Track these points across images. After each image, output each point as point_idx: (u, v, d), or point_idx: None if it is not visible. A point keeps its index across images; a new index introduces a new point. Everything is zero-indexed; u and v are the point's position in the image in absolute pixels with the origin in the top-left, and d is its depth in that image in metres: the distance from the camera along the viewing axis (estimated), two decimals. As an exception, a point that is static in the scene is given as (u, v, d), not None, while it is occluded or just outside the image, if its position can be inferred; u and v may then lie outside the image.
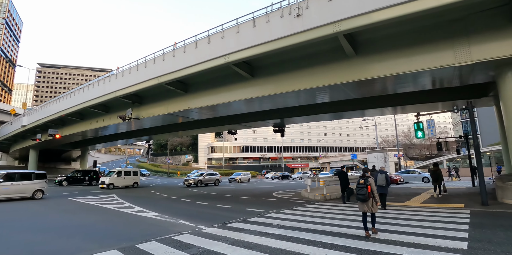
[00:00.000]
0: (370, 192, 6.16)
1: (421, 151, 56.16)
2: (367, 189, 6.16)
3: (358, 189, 6.29)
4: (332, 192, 14.80)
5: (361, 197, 6.20)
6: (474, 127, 10.49)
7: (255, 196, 16.28)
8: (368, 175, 6.49)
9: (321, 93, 14.96)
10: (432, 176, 13.81)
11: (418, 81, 13.35)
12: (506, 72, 10.87)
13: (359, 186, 6.30)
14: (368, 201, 6.17)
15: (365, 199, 6.16)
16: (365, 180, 6.28)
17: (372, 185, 6.24)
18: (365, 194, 6.14)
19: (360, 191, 6.24)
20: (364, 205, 6.21)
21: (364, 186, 6.21)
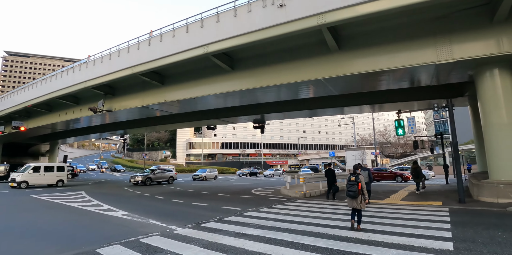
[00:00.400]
0: (360, 189, 6.29)
1: (396, 150, 57.84)
2: (357, 186, 6.28)
3: (349, 186, 6.41)
4: (312, 189, 14.58)
5: (352, 194, 6.33)
6: (453, 125, 10.51)
7: (233, 194, 15.79)
8: (358, 172, 6.59)
9: (303, 89, 14.64)
10: (413, 173, 14.24)
11: (399, 78, 13.33)
12: (484, 72, 10.98)
13: (350, 183, 6.41)
14: (357, 198, 6.30)
15: (355, 196, 6.29)
16: (356, 177, 6.38)
17: (362, 182, 6.38)
18: (356, 191, 6.27)
19: (350, 188, 6.36)
20: (354, 202, 6.36)
21: (355, 183, 6.34)
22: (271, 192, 15.99)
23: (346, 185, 6.56)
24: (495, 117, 10.58)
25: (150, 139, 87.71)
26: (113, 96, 19.17)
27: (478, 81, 11.27)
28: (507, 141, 10.18)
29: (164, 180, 25.30)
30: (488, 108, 10.80)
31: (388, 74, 12.31)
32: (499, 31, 9.87)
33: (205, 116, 22.98)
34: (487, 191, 10.01)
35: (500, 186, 9.68)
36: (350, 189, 6.40)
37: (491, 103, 10.73)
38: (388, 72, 11.88)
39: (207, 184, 25.06)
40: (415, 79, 13.59)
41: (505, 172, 10.04)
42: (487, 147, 10.79)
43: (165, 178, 25.40)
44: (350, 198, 6.43)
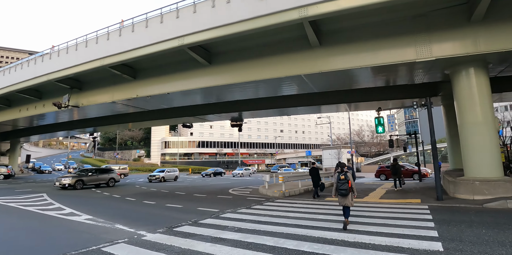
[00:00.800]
0: (350, 187, 6.35)
1: (370, 149, 59.39)
2: (347, 185, 6.33)
3: (340, 185, 6.41)
4: (291, 188, 14.26)
5: (344, 192, 6.35)
6: (432, 123, 10.55)
7: (209, 194, 15.14)
8: (345, 170, 6.56)
9: (282, 85, 14.29)
10: (392, 171, 14.60)
11: (378, 76, 13.30)
12: (460, 71, 11.11)
13: (341, 181, 6.42)
14: (348, 196, 6.38)
15: (346, 194, 6.34)
16: (345, 176, 6.40)
17: (351, 180, 6.45)
18: (347, 189, 6.32)
19: (342, 187, 6.38)
20: (345, 199, 6.40)
21: (345, 182, 6.36)
22: (249, 192, 15.51)
23: (337, 184, 6.53)
24: (471, 116, 10.73)
25: (123, 138, 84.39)
26: (80, 90, 17.86)
27: (454, 80, 11.41)
28: (481, 139, 10.35)
29: (103, 182, 20.84)
30: (464, 106, 10.95)
31: (368, 72, 12.22)
32: (476, 30, 9.98)
33: (181, 113, 22.12)
34: (463, 188, 10.12)
35: (476, 183, 9.80)
36: (341, 187, 6.38)
37: (467, 102, 10.88)
38: (368, 70, 11.78)
39: (182, 184, 24.15)
40: (394, 77, 13.67)
41: (480, 169, 10.20)
42: (463, 145, 10.95)
43: (103, 180, 20.83)
44: (341, 196, 6.43)
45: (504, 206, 8.54)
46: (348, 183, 6.33)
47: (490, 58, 10.46)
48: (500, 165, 10.22)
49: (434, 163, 10.50)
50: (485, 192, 9.60)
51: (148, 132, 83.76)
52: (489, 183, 9.65)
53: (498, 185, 9.55)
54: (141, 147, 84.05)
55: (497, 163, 10.17)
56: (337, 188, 6.50)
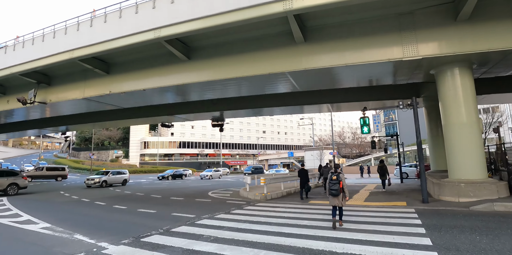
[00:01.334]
0: (341, 188, 6.48)
1: (351, 150, 60.08)
2: (339, 185, 6.47)
3: (331, 185, 6.56)
4: (273, 191, 13.70)
5: (334, 192, 6.50)
6: (418, 124, 10.32)
7: (187, 197, 14.33)
8: (339, 171, 6.72)
9: (265, 83, 13.70)
10: (379, 172, 15.13)
11: (363, 75, 12.95)
12: (445, 71, 10.94)
13: (332, 182, 6.56)
14: (339, 196, 6.52)
15: (337, 194, 6.49)
16: (337, 176, 6.54)
17: (343, 181, 6.57)
18: (338, 190, 6.46)
19: (333, 187, 6.52)
20: (335, 199, 6.55)
21: (336, 182, 6.49)
22: (230, 195, 14.82)
23: (328, 184, 6.69)
24: (455, 117, 10.57)
25: (100, 138, 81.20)
26: (49, 85, 16.54)
27: (439, 80, 11.24)
28: (466, 140, 10.19)
29: None
30: (449, 107, 10.78)
31: (352, 70, 11.84)
32: (462, 30, 9.80)
33: (160, 112, 21.15)
34: (448, 190, 9.90)
35: (461, 185, 9.60)
36: (332, 187, 6.54)
37: (452, 102, 10.71)
38: (353, 68, 11.39)
39: (160, 186, 23.09)
40: (378, 77, 13.38)
41: (465, 171, 10.02)
42: (447, 146, 10.77)
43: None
44: (332, 196, 6.59)
45: (491, 209, 8.33)
46: (339, 184, 6.48)
47: (475, 58, 10.34)
48: (484, 167, 10.08)
49: (420, 164, 10.24)
50: (470, 194, 9.41)
51: (127, 132, 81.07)
52: (474, 185, 9.47)
53: (483, 187, 9.38)
54: (119, 148, 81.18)
55: (481, 165, 10.03)
56: (328, 188, 6.69)
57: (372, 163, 40.69)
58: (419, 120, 10.78)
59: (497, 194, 9.31)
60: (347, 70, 11.74)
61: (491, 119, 35.23)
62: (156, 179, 34.25)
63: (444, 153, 16.76)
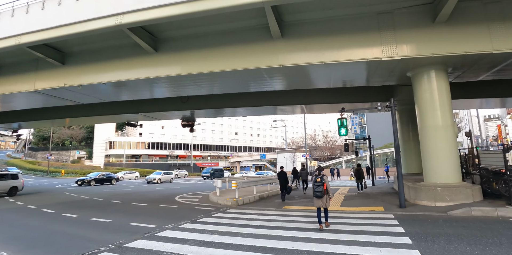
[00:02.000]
0: (325, 189, 6.66)
1: (323, 153, 60.86)
2: (323, 187, 6.64)
3: (316, 187, 6.72)
4: (245, 195, 12.89)
5: (319, 194, 6.67)
6: (395, 126, 10.03)
7: (152, 202, 13.10)
8: (323, 173, 6.82)
9: (239, 81, 12.88)
10: (356, 175, 15.33)
11: (339, 75, 12.53)
12: (422, 74, 10.79)
13: (316, 184, 6.71)
14: (323, 197, 6.69)
15: (321, 195, 6.66)
16: (321, 179, 6.70)
17: (327, 183, 6.72)
18: (322, 191, 6.65)
19: (317, 189, 6.70)
20: (320, 201, 6.73)
21: (321, 184, 6.67)
22: (198, 199, 13.80)
23: (313, 186, 6.82)
24: (431, 119, 10.42)
25: (60, 137, 75.69)
26: (-6, 76, 14.57)
27: (416, 83, 11.09)
28: (442, 143, 10.05)
29: None
30: (425, 110, 10.62)
31: (331, 69, 11.40)
32: (440, 32, 9.64)
33: (125, 110, 19.59)
34: (425, 195, 9.67)
35: (438, 189, 9.39)
36: (316, 189, 6.70)
37: (428, 105, 10.57)
38: (331, 67, 10.96)
39: (124, 190, 21.42)
40: (355, 77, 13.04)
41: (441, 174, 9.86)
42: (423, 149, 10.60)
43: None
44: (316, 198, 6.74)
45: (468, 214, 8.12)
46: (323, 186, 6.64)
47: (451, 61, 10.26)
48: (459, 170, 9.99)
49: (397, 168, 9.92)
50: (447, 199, 9.21)
51: (91, 131, 76.46)
52: (450, 189, 9.29)
53: (459, 191, 9.23)
54: (82, 148, 76.24)
55: (456, 168, 9.92)
56: (313, 190, 6.81)
57: (343, 165, 41.25)
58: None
59: (472, 198, 9.19)
60: (325, 69, 11.30)
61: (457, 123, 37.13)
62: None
63: (416, 157, 17.04)
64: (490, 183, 10.05)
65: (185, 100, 18.85)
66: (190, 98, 18.65)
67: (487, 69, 10.97)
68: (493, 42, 9.35)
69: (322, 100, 17.07)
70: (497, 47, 9.29)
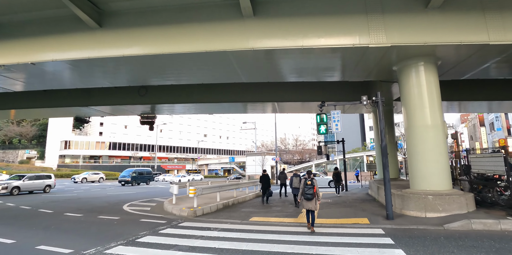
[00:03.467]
0: (315, 192, 6.80)
1: (293, 156, 60.11)
2: (313, 190, 6.78)
3: (307, 189, 6.83)
4: (207, 203, 10.96)
5: (309, 196, 6.80)
6: (382, 124, 8.70)
7: (91, 212, 10.71)
8: (312, 176, 7.02)
9: (202, 66, 10.90)
10: (334, 178, 15.82)
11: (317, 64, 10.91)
12: (410, 67, 9.60)
13: (307, 187, 6.83)
14: (312, 200, 6.82)
15: (312, 198, 6.80)
16: (311, 181, 6.83)
17: (317, 186, 6.87)
18: (312, 194, 6.79)
19: (308, 191, 6.81)
20: (310, 203, 6.85)
21: (311, 187, 6.79)
22: (150, 208, 11.61)
23: (303, 189, 6.92)
24: (420, 119, 9.24)
25: (7, 135, 68.18)
26: None
27: (403, 77, 9.91)
28: (432, 145, 8.87)
29: None
30: (413, 108, 9.43)
31: (308, 57, 9.84)
32: (433, 19, 8.48)
33: (72, 101, 16.93)
34: (414, 204, 8.38)
35: (429, 198, 8.13)
36: (307, 192, 6.81)
37: (416, 102, 9.39)
38: (310, 54, 9.41)
39: (68, 195, 18.43)
40: (334, 69, 11.54)
41: (431, 180, 8.64)
42: (411, 152, 9.38)
43: None
44: (306, 200, 6.87)
45: (469, 228, 6.87)
46: (313, 189, 6.78)
47: (443, 53, 9.15)
48: (449, 176, 8.85)
49: (384, 173, 8.51)
50: (439, 209, 7.97)
51: (44, 128, 69.93)
52: (443, 197, 8.07)
53: (452, 199, 8.02)
54: (33, 147, 69.30)
55: (447, 173, 8.78)
56: (303, 192, 6.92)
57: (313, 169, 40.41)
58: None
59: (466, 208, 8.03)
60: (301, 57, 9.76)
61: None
62: (71, 183, 28.55)
63: (392, 161, 16.07)
64: (481, 190, 9.04)
65: (143, 92, 16.61)
66: (149, 91, 16.45)
67: (477, 65, 10.05)
68: (490, 32, 8.34)
69: (295, 98, 15.76)
70: (494, 38, 8.29)
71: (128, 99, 16.65)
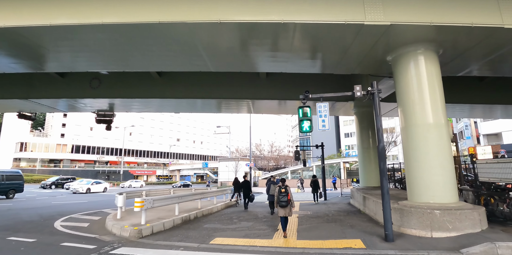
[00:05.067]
0: (289, 199, 7.06)
1: (268, 162, 58.42)
2: (287, 197, 7.05)
3: (281, 197, 7.09)
4: (161, 217, 8.76)
5: (284, 203, 7.05)
6: (379, 121, 7.04)
7: (5, 229, 8.15)
8: (286, 184, 7.24)
9: (157, 47, 8.67)
10: (312, 186, 15.17)
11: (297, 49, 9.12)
12: (408, 55, 8.10)
13: (282, 194, 7.09)
14: (287, 207, 7.08)
15: (286, 205, 7.06)
16: (285, 189, 7.09)
17: (290, 193, 7.18)
18: (287, 201, 7.05)
19: (282, 199, 7.07)
20: (283, 210, 7.08)
21: (285, 194, 7.06)
22: (89, 224, 9.19)
23: (278, 197, 7.12)
24: (420, 117, 7.73)
25: (-48, 135, 61.07)
26: None
27: (399, 69, 8.40)
28: (436, 148, 7.35)
29: None
30: (412, 104, 7.91)
31: (287, 36, 7.99)
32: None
33: (9, 93, 14.23)
34: (417, 220, 6.74)
35: (436, 213, 6.52)
36: (282, 199, 7.06)
37: (416, 97, 7.89)
38: (292, 31, 7.56)
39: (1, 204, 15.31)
40: (315, 55, 9.71)
41: (436, 191, 7.08)
42: (409, 156, 7.81)
43: None
44: (281, 207, 7.09)
45: (493, 253, 5.27)
46: (287, 196, 7.04)
47: (447, 38, 7.71)
48: (455, 185, 7.36)
49: (382, 183, 6.80)
50: (449, 227, 6.38)
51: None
52: (452, 212, 6.50)
53: (464, 215, 6.46)
54: (-17, 149, 62.54)
55: (453, 182, 7.28)
56: (278, 200, 7.12)
57: (289, 176, 38.86)
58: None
59: (480, 226, 6.50)
60: (278, 36, 7.86)
61: (391, 138, 37.39)
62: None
63: (376, 167, 14.68)
64: (487, 202, 7.62)
65: (96, 84, 14.25)
66: (104, 83, 14.13)
67: (480, 57, 8.75)
68: (503, 15, 7.06)
69: (271, 95, 14.14)
70: (508, 21, 7.01)
71: (78, 91, 14.22)
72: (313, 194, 15.27)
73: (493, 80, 13.98)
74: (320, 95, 7.25)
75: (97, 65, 10.08)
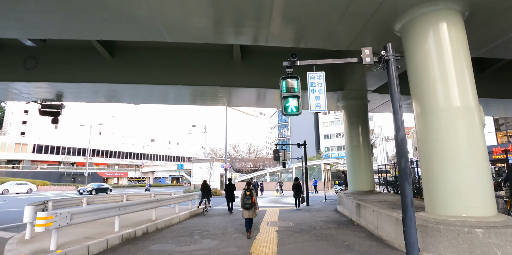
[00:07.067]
0: (253, 202, 7.34)
1: (246, 164, 56.09)
2: (251, 200, 7.32)
3: (246, 200, 7.34)
4: (90, 236, 6.23)
5: (248, 206, 7.31)
6: (397, 101, 4.95)
7: None
8: (251, 187, 7.51)
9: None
10: (294, 190, 14.04)
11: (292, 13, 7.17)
12: (425, 19, 6.14)
13: (247, 197, 7.35)
14: (251, 209, 7.33)
15: (250, 207, 7.31)
16: (250, 192, 7.39)
17: (255, 196, 7.52)
18: (251, 204, 7.31)
19: (247, 201, 7.33)
20: (248, 212, 7.32)
21: (250, 197, 7.34)
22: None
23: (243, 199, 7.37)
24: (443, 98, 5.76)
25: None
26: None
27: (412, 37, 6.39)
28: (466, 140, 5.39)
29: None
30: (432, 82, 5.92)
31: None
32: None
33: None
34: (448, 243, 4.70)
35: (477, 233, 4.50)
36: (246, 202, 7.31)
37: (437, 73, 5.90)
38: None
39: None
40: (310, 19, 7.87)
41: (472, 199, 5.08)
42: (428, 152, 5.79)
43: None
44: (246, 209, 7.33)
45: None
46: (252, 199, 7.32)
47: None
48: (493, 191, 5.39)
49: (404, 185, 4.72)
50: (497, 253, 4.38)
51: None
52: (501, 232, 4.50)
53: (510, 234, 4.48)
54: None
55: (490, 188, 5.31)
56: (243, 203, 7.34)
57: (267, 178, 36.76)
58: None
59: (536, 250, 4.56)
60: None
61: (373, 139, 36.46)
62: None
63: (367, 168, 12.81)
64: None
65: (31, 65, 11.58)
66: (40, 63, 11.45)
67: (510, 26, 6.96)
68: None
69: (247, 83, 12.00)
70: None
71: (8, 73, 11.38)
72: (295, 198, 13.98)
73: (494, 71, 12.63)
74: (313, 62, 5.07)
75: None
